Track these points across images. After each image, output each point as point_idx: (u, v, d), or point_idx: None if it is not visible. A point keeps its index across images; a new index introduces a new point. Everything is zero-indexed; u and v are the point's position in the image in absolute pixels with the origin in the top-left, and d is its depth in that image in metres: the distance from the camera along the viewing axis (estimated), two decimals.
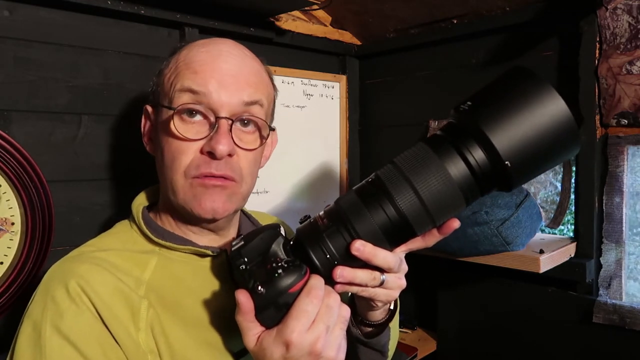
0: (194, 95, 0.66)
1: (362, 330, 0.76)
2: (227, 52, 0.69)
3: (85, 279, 0.60)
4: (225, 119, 0.65)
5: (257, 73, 0.71)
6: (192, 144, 0.66)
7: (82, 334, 0.58)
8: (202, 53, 0.68)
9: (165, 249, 0.69)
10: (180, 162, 0.66)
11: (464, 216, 0.98)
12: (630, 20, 1.00)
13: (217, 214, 0.67)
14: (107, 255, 0.65)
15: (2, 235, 0.88)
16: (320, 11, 1.43)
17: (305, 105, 1.47)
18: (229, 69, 0.67)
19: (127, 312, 0.61)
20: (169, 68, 0.70)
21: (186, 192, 0.66)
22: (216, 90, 0.65)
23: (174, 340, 0.63)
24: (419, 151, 0.55)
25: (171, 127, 0.66)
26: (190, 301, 0.66)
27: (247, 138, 0.69)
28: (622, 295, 1.06)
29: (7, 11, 0.90)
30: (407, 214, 0.54)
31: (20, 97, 0.92)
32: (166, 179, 0.68)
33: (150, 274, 0.66)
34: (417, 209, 0.54)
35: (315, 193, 1.52)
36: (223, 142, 0.64)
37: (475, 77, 1.29)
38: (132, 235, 0.71)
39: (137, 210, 0.72)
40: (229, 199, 0.68)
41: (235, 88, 0.67)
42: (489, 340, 1.24)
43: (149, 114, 0.74)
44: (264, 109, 0.71)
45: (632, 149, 1.05)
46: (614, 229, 1.06)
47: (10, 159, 0.87)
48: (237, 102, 0.66)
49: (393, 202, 0.54)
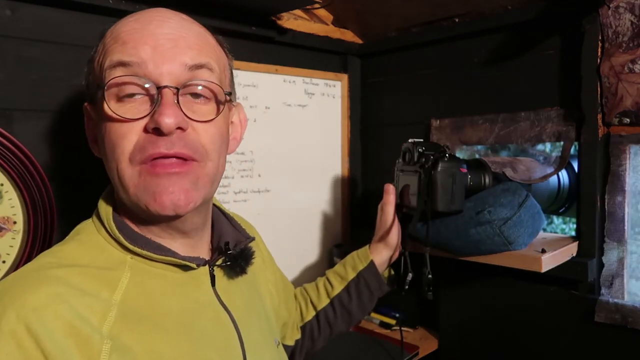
0: (127, 67, 0.55)
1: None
2: (161, 17, 0.59)
3: (37, 314, 0.48)
4: (168, 89, 0.55)
5: (200, 35, 0.61)
6: (133, 125, 0.55)
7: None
8: (131, 22, 0.59)
9: (139, 258, 0.59)
10: (122, 147, 0.55)
11: (467, 216, 0.97)
12: (632, 19, 1.00)
13: (180, 209, 0.56)
14: (70, 273, 0.53)
15: (5, 234, 0.88)
16: (321, 10, 1.43)
17: (307, 104, 1.47)
18: (166, 34, 0.57)
19: (83, 357, 0.49)
20: (97, 51, 0.60)
21: (136, 185, 0.56)
22: (151, 59, 0.55)
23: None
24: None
25: (105, 110, 0.55)
26: (169, 323, 0.57)
27: (200, 109, 0.59)
28: (624, 294, 1.06)
29: (9, 10, 0.90)
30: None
31: (22, 96, 0.92)
32: (112, 174, 0.58)
33: (121, 294, 0.55)
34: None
35: (316, 192, 1.52)
36: (168, 113, 0.53)
37: (477, 76, 1.28)
38: (99, 241, 0.60)
39: (107, 213, 0.61)
40: (193, 187, 0.57)
41: (174, 52, 0.56)
42: (490, 339, 1.24)
43: (89, 112, 0.64)
44: (215, 74, 0.60)
45: (635, 148, 1.04)
46: (616, 228, 1.06)
47: (13, 158, 0.87)
48: (180, 67, 0.56)
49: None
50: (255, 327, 0.71)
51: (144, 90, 0.56)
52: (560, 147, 1.15)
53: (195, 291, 0.63)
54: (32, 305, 0.48)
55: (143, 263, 0.60)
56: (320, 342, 1.00)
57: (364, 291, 0.99)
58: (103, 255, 0.59)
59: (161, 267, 0.61)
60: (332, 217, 1.56)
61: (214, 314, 0.64)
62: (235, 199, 1.29)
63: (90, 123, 0.65)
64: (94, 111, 0.62)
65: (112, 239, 0.60)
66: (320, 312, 0.99)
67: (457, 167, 0.96)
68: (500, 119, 1.23)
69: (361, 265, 1.00)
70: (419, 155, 1.00)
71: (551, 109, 1.15)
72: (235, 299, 0.69)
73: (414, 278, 1.02)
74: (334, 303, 0.98)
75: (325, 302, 0.99)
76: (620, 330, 1.02)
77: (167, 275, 0.61)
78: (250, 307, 0.73)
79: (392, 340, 1.30)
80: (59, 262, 0.55)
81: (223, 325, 0.65)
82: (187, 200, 0.56)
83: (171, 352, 0.56)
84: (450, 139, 1.34)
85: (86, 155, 1.01)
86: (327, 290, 1.00)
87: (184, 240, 0.64)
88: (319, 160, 1.52)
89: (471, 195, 1.02)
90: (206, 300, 0.64)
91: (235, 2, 1.11)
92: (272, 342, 0.76)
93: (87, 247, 0.59)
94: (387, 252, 1.02)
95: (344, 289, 0.99)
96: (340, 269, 1.02)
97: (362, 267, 1.00)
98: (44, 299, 0.49)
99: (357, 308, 0.99)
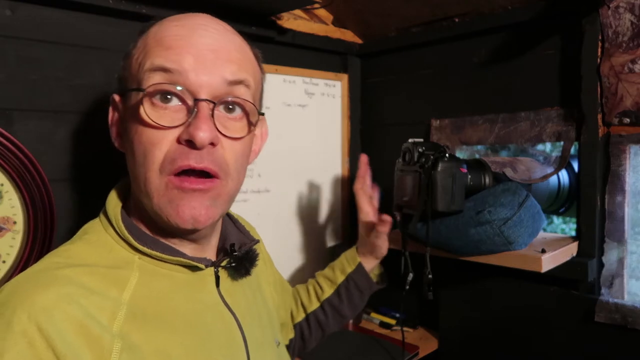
0: (167, 74, 0.56)
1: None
2: (205, 26, 0.59)
3: (47, 314, 0.48)
4: (205, 102, 0.56)
5: (241, 49, 0.62)
6: (167, 133, 0.56)
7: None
8: (176, 27, 0.58)
9: (147, 258, 0.60)
10: (153, 156, 0.56)
11: (468, 216, 0.97)
12: (632, 19, 1.00)
13: (199, 224, 0.57)
14: (78, 273, 0.53)
15: (5, 234, 0.88)
16: (321, 10, 1.43)
17: (307, 104, 1.47)
18: (208, 44, 0.57)
19: (94, 357, 0.49)
20: (137, 47, 0.60)
21: (161, 196, 0.56)
22: (193, 68, 0.55)
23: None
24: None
25: (141, 113, 0.56)
26: (176, 323, 0.58)
27: (232, 125, 0.59)
28: (624, 294, 1.06)
29: (9, 10, 0.90)
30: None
31: (22, 96, 0.92)
32: (138, 179, 0.58)
33: (130, 293, 0.56)
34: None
35: (317, 192, 1.52)
36: (204, 128, 0.54)
37: (477, 76, 1.28)
38: (107, 241, 0.60)
39: (115, 212, 0.61)
40: (213, 204, 0.58)
41: (216, 65, 0.57)
42: (490, 339, 1.24)
43: (117, 104, 0.63)
44: (250, 90, 0.61)
45: (635, 148, 1.04)
46: (616, 228, 1.06)
47: (13, 158, 0.87)
48: (219, 81, 0.57)
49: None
50: (257, 327, 0.72)
51: (181, 99, 0.56)
52: (560, 147, 1.15)
53: (201, 292, 0.63)
54: (42, 305, 0.48)
55: (151, 263, 0.60)
56: (312, 342, 1.00)
57: (354, 292, 0.99)
58: (111, 255, 0.59)
59: (168, 267, 0.61)
60: (332, 217, 1.56)
61: (219, 315, 0.65)
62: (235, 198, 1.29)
63: (116, 115, 0.64)
64: (122, 105, 0.62)
65: (120, 238, 0.60)
66: (310, 315, 0.99)
67: (457, 167, 0.97)
68: (500, 119, 1.23)
69: (350, 268, 1.00)
70: (419, 155, 1.00)
71: (551, 109, 1.15)
72: (238, 299, 0.69)
73: (414, 278, 1.02)
74: (324, 306, 0.98)
75: (316, 305, 0.99)
76: (620, 330, 1.02)
77: (174, 276, 0.61)
78: (252, 308, 0.73)
79: (392, 340, 1.30)
80: (67, 262, 0.55)
81: (227, 326, 0.65)
82: (207, 217, 0.57)
83: (178, 352, 0.56)
84: (450, 139, 1.34)
85: (86, 155, 1.02)
86: (317, 294, 1.00)
87: (191, 246, 0.65)
88: (319, 160, 1.52)
89: (471, 195, 1.02)
90: (211, 301, 0.64)
91: (235, 2, 1.11)
92: (274, 343, 0.77)
93: (95, 247, 0.59)
94: (374, 260, 1.02)
95: (334, 292, 0.99)
96: (329, 272, 1.02)
97: (350, 269, 0.99)
98: (53, 299, 0.49)
99: (349, 309, 1.00)
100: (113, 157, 1.04)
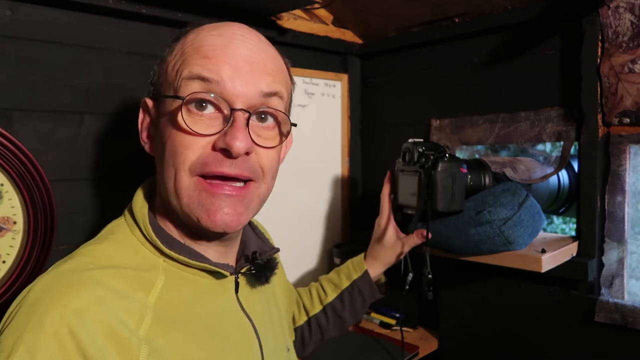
0: (205, 83, 0.57)
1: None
2: (242, 36, 0.60)
3: (80, 316, 0.48)
4: (241, 112, 0.57)
5: (275, 60, 0.63)
6: (200, 139, 0.56)
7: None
8: (214, 37, 0.59)
9: (172, 262, 0.60)
10: (184, 157, 0.56)
11: (468, 216, 0.97)
12: (632, 19, 1.00)
13: (230, 228, 0.57)
14: (107, 275, 0.54)
15: (5, 234, 0.88)
16: (321, 10, 1.43)
17: (307, 104, 1.47)
18: (245, 55, 0.58)
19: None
20: (174, 55, 0.61)
21: (190, 197, 0.57)
22: (231, 79, 0.56)
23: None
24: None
25: (178, 120, 0.56)
26: (199, 328, 0.58)
27: (265, 134, 0.60)
28: (624, 294, 1.06)
29: (9, 10, 0.90)
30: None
31: (22, 96, 0.92)
32: (167, 179, 0.58)
33: (156, 296, 0.56)
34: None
35: (316, 192, 1.52)
36: (240, 138, 0.55)
37: (477, 76, 1.28)
38: (133, 243, 0.61)
39: (143, 214, 0.61)
40: (245, 210, 0.59)
41: (252, 76, 0.58)
42: (490, 339, 1.24)
43: (149, 109, 0.64)
44: (283, 102, 0.62)
45: (635, 148, 1.04)
46: (616, 228, 1.06)
47: (13, 158, 0.87)
48: (255, 92, 0.58)
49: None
50: (271, 334, 0.73)
51: (217, 108, 0.57)
52: (560, 147, 1.15)
53: (221, 297, 0.64)
54: (76, 307, 0.48)
55: (176, 267, 0.60)
56: (311, 346, 1.00)
57: (357, 299, 0.98)
58: (137, 257, 0.59)
59: (193, 272, 0.61)
60: (332, 217, 1.56)
61: (238, 321, 0.65)
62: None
63: (147, 118, 0.65)
64: (155, 109, 0.63)
65: (146, 240, 0.60)
66: (312, 318, 0.99)
67: (457, 167, 0.97)
68: (500, 119, 1.23)
69: (356, 274, 0.99)
70: (419, 155, 1.00)
71: (551, 109, 1.15)
72: (255, 306, 0.70)
73: (414, 278, 1.02)
74: (326, 310, 0.98)
75: (318, 309, 0.99)
76: (620, 330, 1.02)
77: (198, 281, 0.61)
78: (267, 315, 0.74)
79: (392, 340, 1.30)
80: (96, 263, 0.55)
81: (246, 332, 0.66)
82: (239, 222, 0.58)
83: (201, 357, 0.57)
84: (450, 139, 1.34)
85: (86, 155, 1.02)
86: (320, 297, 1.00)
87: (218, 247, 0.65)
88: (319, 160, 1.52)
89: (471, 195, 1.02)
90: (231, 307, 0.65)
91: (236, 2, 1.11)
92: (285, 349, 0.77)
93: (122, 248, 0.60)
94: (382, 268, 1.02)
95: (337, 296, 0.98)
96: (334, 276, 1.01)
97: (356, 276, 0.99)
98: (86, 302, 0.49)
99: (350, 315, 0.99)
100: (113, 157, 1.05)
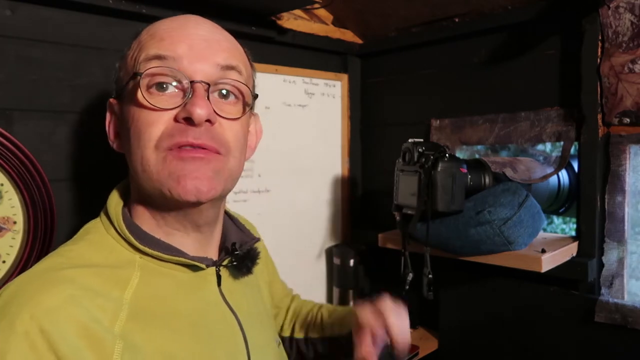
0: (162, 61, 0.57)
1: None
2: (196, 20, 0.63)
3: (52, 316, 0.48)
4: (200, 83, 0.57)
5: (231, 41, 0.65)
6: (162, 114, 0.57)
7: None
8: (168, 22, 0.62)
9: (149, 258, 0.60)
10: (149, 133, 0.56)
11: (468, 216, 0.97)
12: (632, 19, 1.00)
13: (202, 194, 0.56)
14: (82, 274, 0.53)
15: (5, 234, 0.88)
16: (321, 10, 1.43)
17: (307, 104, 1.47)
18: (200, 35, 0.60)
19: (96, 359, 0.49)
20: (131, 48, 0.63)
21: (160, 171, 0.56)
22: (187, 55, 0.58)
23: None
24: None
25: (139, 97, 0.57)
26: (179, 323, 0.58)
27: (229, 109, 0.61)
28: (624, 294, 1.06)
29: (9, 10, 0.90)
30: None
31: (22, 96, 0.92)
32: (135, 162, 0.58)
33: (132, 292, 0.56)
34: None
35: (316, 192, 1.52)
36: (201, 105, 0.55)
37: (477, 76, 1.28)
38: (108, 242, 0.60)
39: (117, 212, 0.61)
40: (216, 176, 0.58)
41: (208, 52, 0.59)
42: (490, 339, 1.24)
43: (114, 108, 0.65)
44: (243, 77, 0.63)
45: (635, 148, 1.04)
46: (616, 228, 1.06)
47: (13, 158, 0.87)
48: (212, 65, 0.59)
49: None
50: (258, 327, 0.72)
51: (177, 82, 0.58)
52: (560, 147, 1.15)
53: (202, 291, 0.64)
54: (47, 307, 0.48)
55: (152, 263, 0.60)
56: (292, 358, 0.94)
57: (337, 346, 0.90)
58: (112, 255, 0.59)
59: (170, 267, 0.61)
60: (332, 217, 1.56)
61: (221, 314, 0.65)
62: (235, 199, 1.29)
63: (113, 119, 0.66)
64: (119, 106, 0.64)
65: (121, 238, 0.60)
66: (293, 339, 0.94)
67: (457, 167, 0.97)
68: (500, 119, 1.23)
69: (345, 330, 0.87)
70: (419, 155, 1.00)
71: (551, 109, 1.15)
72: (239, 299, 0.69)
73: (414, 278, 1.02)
74: (307, 342, 0.92)
75: (300, 336, 0.93)
76: (620, 330, 1.02)
77: (176, 275, 0.61)
78: (253, 308, 0.73)
79: None
80: (71, 262, 0.55)
81: (229, 326, 0.65)
82: (210, 187, 0.57)
83: (181, 352, 0.56)
84: (450, 139, 1.34)
85: (86, 155, 1.02)
86: (307, 328, 0.92)
87: (196, 235, 0.64)
88: (319, 160, 1.52)
89: (471, 195, 1.02)
90: (213, 301, 0.64)
91: (235, 2, 1.11)
92: (274, 343, 0.76)
93: (97, 247, 0.60)
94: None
95: (320, 338, 0.91)
96: (327, 320, 0.91)
97: (344, 332, 0.86)
98: (58, 301, 0.49)
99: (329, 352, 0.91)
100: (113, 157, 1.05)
